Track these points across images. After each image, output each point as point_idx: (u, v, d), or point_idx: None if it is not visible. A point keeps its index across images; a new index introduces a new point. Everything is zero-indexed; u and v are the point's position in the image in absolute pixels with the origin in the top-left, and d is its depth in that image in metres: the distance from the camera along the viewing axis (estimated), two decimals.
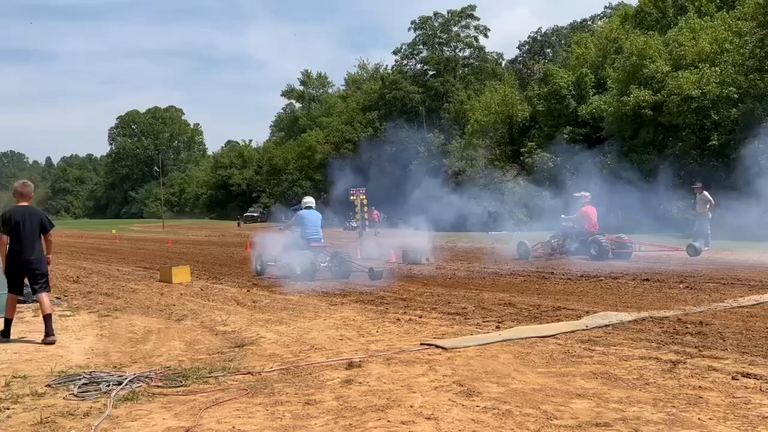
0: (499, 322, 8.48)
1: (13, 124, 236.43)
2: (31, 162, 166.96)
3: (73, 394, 5.34)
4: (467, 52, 65.70)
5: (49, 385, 5.64)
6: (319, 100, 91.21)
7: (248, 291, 12.93)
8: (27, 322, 9.24)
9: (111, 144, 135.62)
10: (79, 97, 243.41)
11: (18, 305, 10.06)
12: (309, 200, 15.27)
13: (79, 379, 5.72)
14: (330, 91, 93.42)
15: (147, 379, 5.75)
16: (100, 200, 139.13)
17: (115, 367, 6.39)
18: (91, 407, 4.98)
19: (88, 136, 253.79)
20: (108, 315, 9.79)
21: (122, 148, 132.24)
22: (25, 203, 8.22)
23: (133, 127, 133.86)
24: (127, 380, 5.63)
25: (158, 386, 5.58)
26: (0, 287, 8.67)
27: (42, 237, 8.15)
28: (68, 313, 10.00)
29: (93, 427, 4.46)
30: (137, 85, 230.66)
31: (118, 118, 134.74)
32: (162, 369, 6.22)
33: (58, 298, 11.65)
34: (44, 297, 8.00)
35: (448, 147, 51.02)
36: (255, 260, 16.26)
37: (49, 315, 7.91)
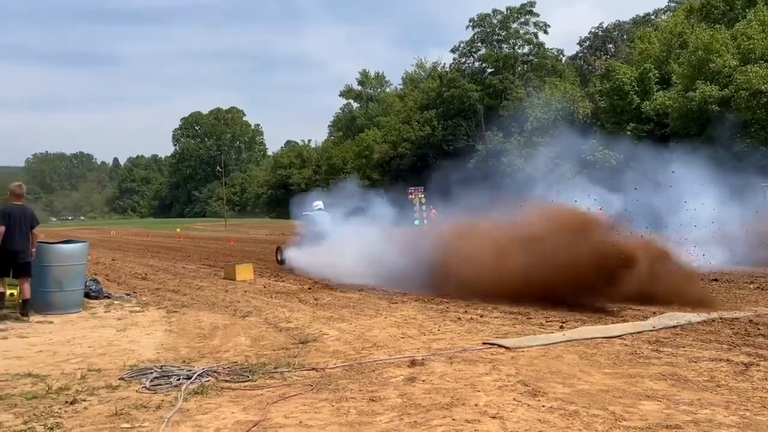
0: (563, 322, 8.38)
1: (83, 125, 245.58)
2: (99, 163, 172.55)
3: (145, 387, 5.52)
4: (526, 49, 64.91)
5: (122, 379, 5.85)
6: (377, 99, 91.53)
7: (310, 288, 13.10)
8: (99, 317, 9.57)
9: (175, 145, 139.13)
10: (145, 99, 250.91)
11: (89, 300, 10.53)
12: (318, 203, 16.54)
13: (151, 373, 5.91)
14: (387, 90, 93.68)
15: (215, 374, 5.90)
16: (164, 200, 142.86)
17: (184, 361, 6.58)
18: (162, 400, 5.14)
19: (154, 137, 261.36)
20: (176, 311, 10.07)
21: (186, 149, 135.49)
22: (19, 202, 9.68)
23: (197, 128, 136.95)
24: (196, 374, 5.79)
25: (226, 381, 5.72)
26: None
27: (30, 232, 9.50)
28: (138, 309, 10.32)
29: (165, 420, 4.60)
30: (200, 87, 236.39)
31: (181, 119, 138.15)
32: (229, 364, 6.37)
33: (128, 294, 12.04)
34: (26, 283, 9.37)
35: (506, 145, 50.55)
36: (277, 253, 18.14)
37: (28, 300, 9.29)
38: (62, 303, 9.67)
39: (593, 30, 64.54)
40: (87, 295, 10.62)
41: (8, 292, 9.96)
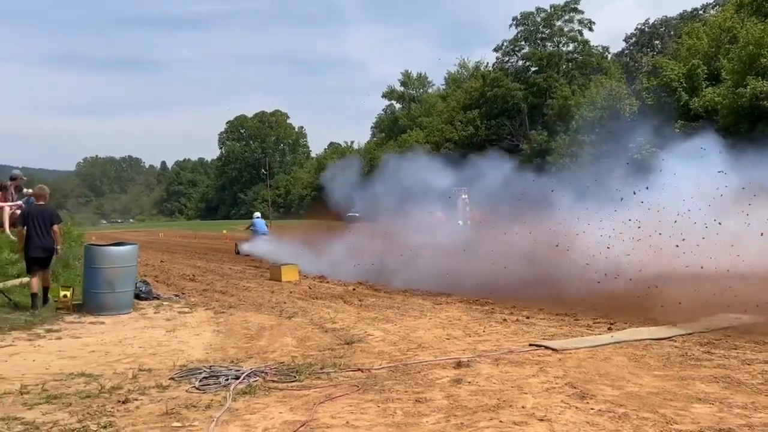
0: (611, 324, 8.24)
1: (132, 129, 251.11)
2: (147, 166, 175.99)
3: (194, 387, 5.61)
4: (571, 47, 64.01)
5: (172, 378, 5.95)
6: (419, 100, 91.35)
7: (354, 289, 13.16)
8: (149, 318, 9.76)
9: (221, 148, 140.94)
10: (191, 103, 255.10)
11: (139, 302, 10.76)
12: (257, 213, 26.73)
13: (200, 373, 6.00)
14: (430, 91, 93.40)
15: (263, 374, 5.96)
16: (211, 202, 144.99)
17: (232, 361, 6.67)
18: (212, 400, 5.22)
19: (200, 141, 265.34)
20: (223, 312, 10.21)
21: (231, 152, 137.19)
22: (41, 203, 10.39)
23: (242, 131, 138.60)
24: (244, 375, 5.86)
25: (273, 381, 5.77)
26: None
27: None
28: (186, 309, 10.50)
29: (215, 419, 4.67)
30: (245, 90, 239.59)
31: (227, 122, 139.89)
32: (276, 364, 6.43)
33: (176, 295, 12.26)
34: (46, 273, 10.13)
35: (551, 144, 49.96)
36: (236, 246, 25.71)
37: (46, 288, 10.06)
38: (113, 304, 9.89)
39: (639, 26, 63.49)
40: (137, 296, 10.84)
41: (62, 293, 10.25)
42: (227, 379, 5.75)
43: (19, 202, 13.58)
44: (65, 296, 10.14)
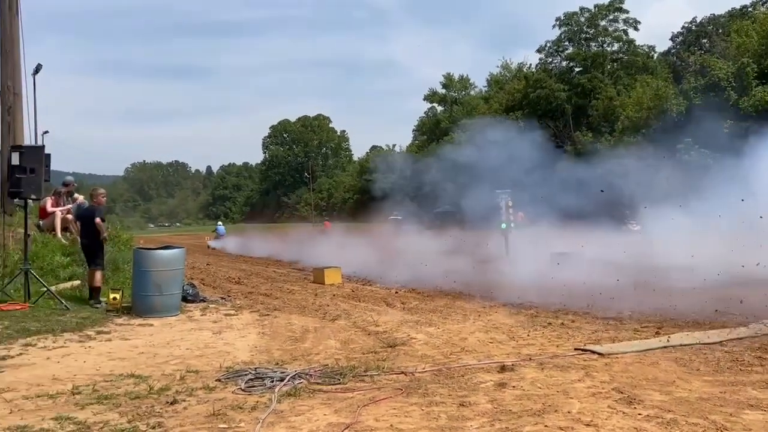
0: (659, 328, 8.09)
1: (178, 135, 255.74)
2: (193, 171, 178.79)
3: (240, 388, 5.69)
4: (616, 47, 63.03)
5: (218, 380, 6.04)
6: (461, 102, 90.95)
7: (396, 292, 13.18)
8: (196, 320, 9.92)
9: (265, 152, 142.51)
10: (236, 108, 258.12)
11: (186, 304, 10.96)
12: (220, 222, 47.63)
13: (246, 375, 6.08)
14: (472, 93, 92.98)
15: (307, 376, 6.01)
16: (255, 206, 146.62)
17: (277, 363, 6.74)
18: (257, 401, 5.28)
19: (244, 145, 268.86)
20: (268, 314, 10.33)
21: (275, 156, 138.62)
22: (92, 202, 11.50)
23: (285, 135, 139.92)
24: (289, 377, 5.92)
25: (318, 383, 5.82)
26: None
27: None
28: (232, 312, 10.65)
29: (260, 421, 4.73)
30: (288, 95, 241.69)
31: (270, 127, 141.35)
32: (320, 366, 6.48)
33: (222, 298, 12.45)
34: (93, 273, 10.98)
35: (596, 145, 49.21)
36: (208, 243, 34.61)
37: (94, 288, 10.93)
38: (162, 306, 10.09)
39: (686, 25, 62.09)
40: (184, 299, 11.03)
41: (111, 296, 10.50)
42: (272, 381, 5.81)
43: (69, 206, 13.98)
44: (115, 298, 10.39)
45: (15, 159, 10.15)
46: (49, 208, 13.70)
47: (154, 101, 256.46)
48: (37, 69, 25.90)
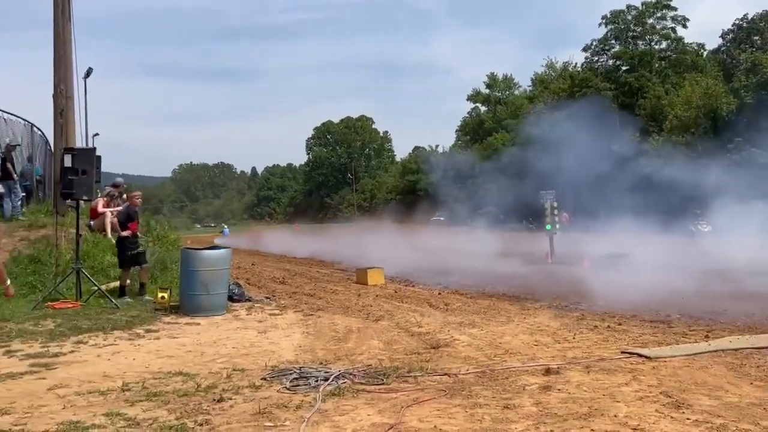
0: (709, 332, 7.92)
1: (224, 137, 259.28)
2: (238, 172, 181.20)
3: (285, 387, 5.75)
4: (664, 45, 61.77)
5: (264, 379, 6.12)
6: (505, 102, 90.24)
7: (439, 294, 13.15)
8: (241, 319, 10.06)
9: (308, 153, 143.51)
10: (280, 110, 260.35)
11: (232, 303, 11.12)
12: (225, 225, 60.40)
13: (291, 374, 6.14)
14: (516, 92, 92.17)
15: (351, 376, 6.05)
16: (299, 206, 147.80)
17: (321, 363, 6.79)
18: (302, 400, 5.33)
19: (288, 147, 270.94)
20: (312, 314, 10.41)
21: (318, 157, 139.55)
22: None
23: (328, 136, 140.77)
24: (333, 377, 5.96)
25: (361, 383, 5.85)
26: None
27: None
28: (277, 312, 10.76)
29: (305, 420, 4.77)
30: (331, 96, 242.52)
31: (314, 128, 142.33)
32: (364, 367, 6.51)
33: (267, 297, 12.59)
34: (141, 272, 11.70)
35: (644, 145, 48.31)
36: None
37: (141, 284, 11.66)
38: (208, 305, 10.25)
39: (737, 22, 60.34)
40: (230, 298, 11.19)
41: (159, 295, 10.72)
42: (317, 381, 5.86)
43: (120, 208, 14.32)
44: (163, 297, 10.60)
45: (67, 161, 10.43)
46: (100, 209, 14.05)
47: (201, 103, 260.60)
48: (88, 72, 26.62)
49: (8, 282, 6.06)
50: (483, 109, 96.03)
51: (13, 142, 15.88)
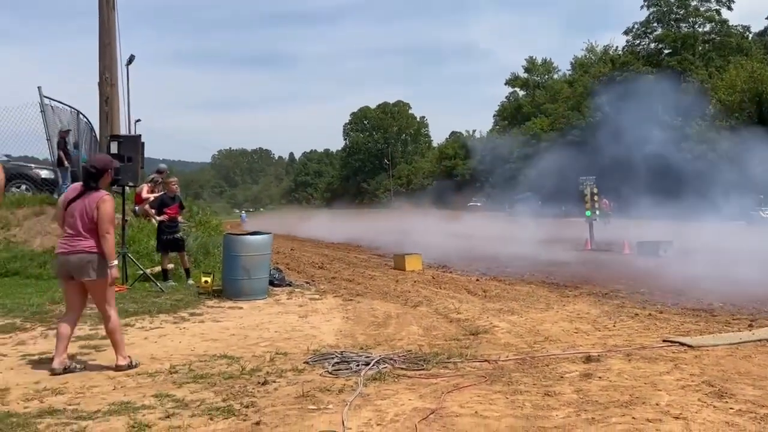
0: (752, 320, 7.81)
1: (262, 123, 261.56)
2: (276, 157, 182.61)
3: (327, 371, 5.85)
4: (707, 27, 60.36)
5: (306, 362, 6.23)
6: (544, 86, 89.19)
7: (478, 280, 13.17)
8: (282, 303, 10.22)
9: (345, 139, 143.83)
10: (318, 96, 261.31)
11: (273, 288, 11.29)
12: (244, 212, 53.44)
13: (332, 358, 6.25)
14: (555, 76, 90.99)
15: (391, 361, 6.13)
16: (336, 192, 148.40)
17: (361, 348, 6.89)
18: (344, 384, 5.43)
19: (326, 132, 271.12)
20: (351, 299, 10.52)
21: (355, 143, 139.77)
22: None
23: (365, 122, 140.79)
24: (374, 361, 6.05)
25: (402, 368, 5.92)
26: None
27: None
28: (317, 296, 10.90)
29: (348, 403, 4.87)
30: (368, 82, 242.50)
31: (351, 114, 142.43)
32: (404, 352, 6.59)
33: (307, 282, 12.76)
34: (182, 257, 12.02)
35: (686, 130, 47.36)
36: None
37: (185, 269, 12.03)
38: (250, 290, 10.43)
39: None
40: (271, 283, 11.36)
41: (203, 279, 10.95)
42: (358, 365, 5.95)
43: (162, 193, 14.62)
44: (206, 282, 10.81)
45: (114, 148, 10.65)
46: (145, 194, 14.35)
47: (240, 89, 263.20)
48: (130, 60, 27.09)
49: (115, 262, 6.34)
50: (521, 93, 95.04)
51: (62, 130, 16.27)
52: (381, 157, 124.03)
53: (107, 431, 4.34)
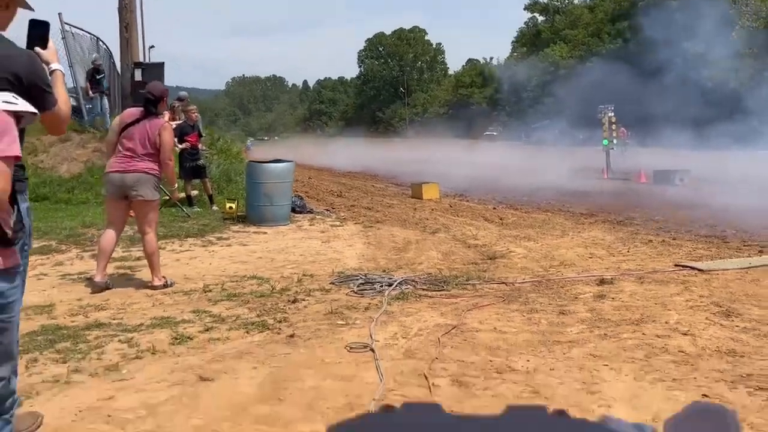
0: (763, 247, 8.02)
1: (276, 50, 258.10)
2: (290, 85, 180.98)
3: (353, 291, 6.17)
4: None
5: (332, 283, 6.55)
6: (564, 12, 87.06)
7: (494, 208, 13.39)
8: (305, 229, 10.52)
9: (360, 66, 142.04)
10: (331, 22, 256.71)
11: (295, 215, 11.58)
12: (250, 138, 48.06)
13: (357, 279, 6.57)
14: (576, 1, 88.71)
15: (413, 283, 6.44)
16: (350, 120, 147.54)
17: (384, 271, 7.19)
18: (369, 303, 5.74)
19: (340, 59, 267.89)
20: (371, 226, 10.80)
21: (370, 70, 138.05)
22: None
23: (380, 49, 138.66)
24: (396, 282, 6.36)
25: (423, 289, 6.23)
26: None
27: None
28: (338, 223, 11.19)
29: (374, 319, 5.19)
30: (383, 7, 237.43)
31: (366, 41, 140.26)
32: (424, 275, 6.89)
33: (327, 210, 13.05)
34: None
35: (708, 56, 46.42)
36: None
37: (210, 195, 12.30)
38: (273, 216, 10.73)
39: None
40: (293, 210, 11.64)
41: (227, 205, 11.26)
42: (381, 286, 6.26)
43: (181, 121, 14.80)
44: (231, 208, 11.13)
45: (138, 75, 10.83)
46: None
47: (253, 15, 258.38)
48: None
49: (176, 185, 6.68)
50: (540, 19, 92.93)
51: (97, 60, 16.31)
52: (396, 86, 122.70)
53: (153, 342, 4.69)
